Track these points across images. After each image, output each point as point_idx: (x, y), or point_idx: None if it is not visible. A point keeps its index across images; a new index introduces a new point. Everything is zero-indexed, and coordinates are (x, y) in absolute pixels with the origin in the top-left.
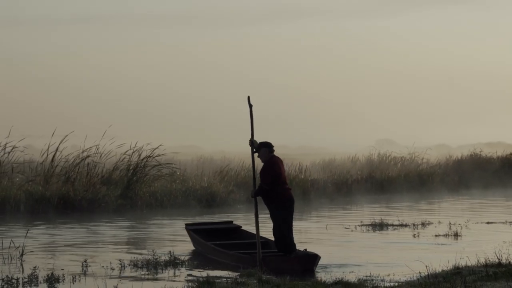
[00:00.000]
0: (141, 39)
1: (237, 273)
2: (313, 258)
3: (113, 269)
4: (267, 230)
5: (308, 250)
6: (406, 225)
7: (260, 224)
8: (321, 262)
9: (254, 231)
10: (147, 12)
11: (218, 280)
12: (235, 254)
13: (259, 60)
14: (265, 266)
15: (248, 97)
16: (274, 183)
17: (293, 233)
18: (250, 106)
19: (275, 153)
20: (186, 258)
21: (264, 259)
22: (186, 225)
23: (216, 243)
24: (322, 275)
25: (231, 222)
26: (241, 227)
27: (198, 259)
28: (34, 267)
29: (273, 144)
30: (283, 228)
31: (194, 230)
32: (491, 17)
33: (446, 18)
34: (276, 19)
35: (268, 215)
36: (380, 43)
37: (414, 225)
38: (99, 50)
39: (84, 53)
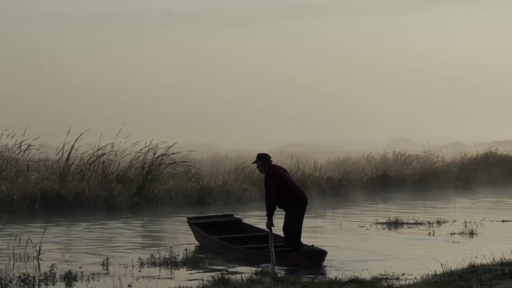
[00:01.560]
0: (156, 38)
1: (252, 271)
2: (321, 254)
3: (129, 267)
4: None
5: (316, 246)
6: (421, 223)
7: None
8: (335, 260)
9: (255, 225)
10: (162, 10)
11: (233, 278)
12: (242, 249)
13: (273, 59)
14: (276, 260)
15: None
16: (282, 190)
17: (307, 231)
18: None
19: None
20: (201, 255)
21: (283, 253)
22: (188, 219)
23: (221, 237)
24: (336, 273)
25: (232, 215)
26: (241, 220)
27: (213, 256)
28: (52, 265)
29: (270, 155)
30: (296, 227)
31: (196, 224)
32: (505, 16)
33: (460, 16)
34: (290, 17)
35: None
36: (395, 41)
37: (429, 223)
38: (114, 48)
39: (98, 51)
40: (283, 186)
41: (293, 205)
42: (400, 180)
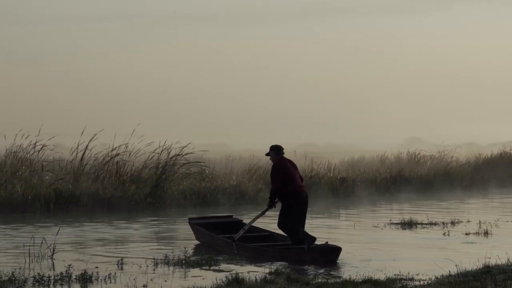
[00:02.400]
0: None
1: (266, 271)
2: (336, 251)
3: (143, 267)
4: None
5: (330, 243)
6: (435, 224)
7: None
8: (350, 260)
9: (256, 226)
10: (175, 11)
11: (247, 278)
12: (255, 247)
13: (287, 59)
14: (289, 258)
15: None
16: (285, 182)
17: (321, 231)
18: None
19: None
20: (215, 255)
21: (287, 252)
22: (190, 219)
23: (227, 236)
24: (350, 274)
25: (231, 216)
26: (242, 221)
27: (226, 256)
28: (69, 265)
29: (283, 147)
30: (291, 221)
31: (199, 224)
32: None
33: (474, 15)
34: (303, 17)
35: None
36: (409, 40)
37: (443, 223)
38: (126, 49)
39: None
40: (285, 180)
41: (289, 200)
42: (414, 181)
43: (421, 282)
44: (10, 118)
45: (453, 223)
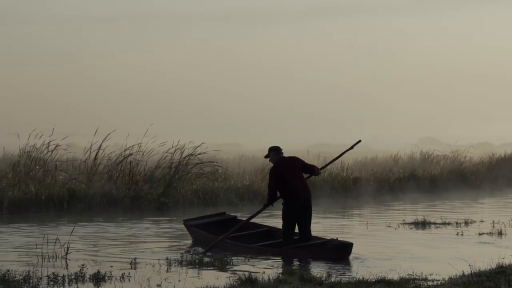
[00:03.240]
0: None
1: (279, 271)
2: (347, 247)
3: (156, 267)
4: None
5: (340, 239)
6: (449, 224)
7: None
8: (363, 260)
9: (251, 221)
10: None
11: (260, 278)
12: (258, 248)
13: (300, 58)
14: (301, 255)
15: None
16: (279, 183)
17: (334, 231)
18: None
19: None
20: (228, 255)
21: (299, 249)
22: (185, 221)
23: (230, 236)
24: (364, 273)
25: (224, 213)
26: (236, 217)
27: (239, 256)
28: (82, 265)
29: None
30: (288, 223)
31: (196, 225)
32: None
33: (490, 15)
34: (318, 17)
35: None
36: (423, 40)
37: (457, 223)
38: (140, 49)
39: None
40: (281, 182)
41: (286, 201)
42: (427, 180)
43: (435, 282)
44: (23, 117)
45: (466, 223)
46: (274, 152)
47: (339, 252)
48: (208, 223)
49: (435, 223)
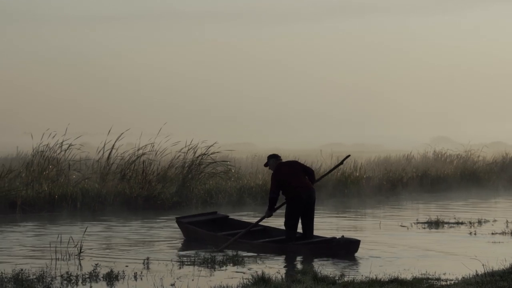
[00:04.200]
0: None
1: (292, 270)
2: (354, 243)
3: (169, 266)
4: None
5: (346, 236)
6: (462, 223)
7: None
8: (376, 259)
9: (242, 220)
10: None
11: (273, 277)
12: (262, 244)
13: (314, 58)
14: (308, 252)
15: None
16: (282, 187)
17: (347, 231)
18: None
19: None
20: (240, 254)
21: (307, 246)
22: (178, 218)
23: (227, 233)
24: (377, 273)
25: (216, 212)
26: (228, 216)
27: (252, 255)
28: (96, 264)
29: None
30: (291, 223)
31: (190, 223)
32: None
33: (503, 13)
34: (331, 16)
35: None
36: (437, 39)
37: (470, 223)
38: (153, 48)
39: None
40: (284, 185)
41: (289, 201)
42: (441, 180)
43: (448, 282)
44: (37, 117)
45: (479, 222)
46: (274, 159)
47: (346, 249)
48: (202, 221)
49: (448, 223)
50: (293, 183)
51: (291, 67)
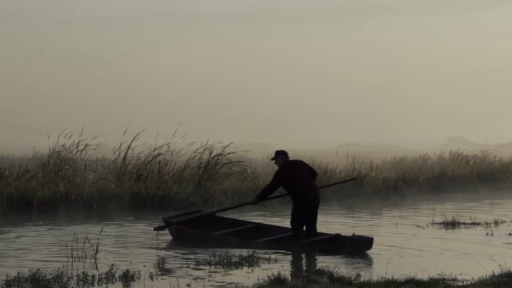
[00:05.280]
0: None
1: (308, 270)
2: (367, 241)
3: (185, 267)
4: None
5: (357, 234)
6: (478, 224)
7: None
8: (392, 259)
9: (230, 217)
10: (217, 10)
11: (289, 278)
12: (270, 243)
13: (330, 58)
14: (323, 249)
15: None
16: (285, 185)
17: (362, 231)
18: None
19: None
20: (256, 254)
21: (315, 245)
22: (165, 219)
23: (224, 232)
24: (393, 273)
25: (201, 210)
26: (215, 214)
27: (266, 256)
28: (112, 264)
29: (287, 152)
30: (298, 221)
31: (179, 223)
32: None
33: None
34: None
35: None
36: (452, 39)
37: (486, 223)
38: (168, 49)
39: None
40: (290, 183)
41: (297, 200)
42: (457, 180)
43: (464, 282)
44: (53, 118)
45: (496, 223)
46: (281, 156)
47: (359, 246)
48: (189, 220)
49: (464, 223)
50: (297, 182)
51: (306, 67)
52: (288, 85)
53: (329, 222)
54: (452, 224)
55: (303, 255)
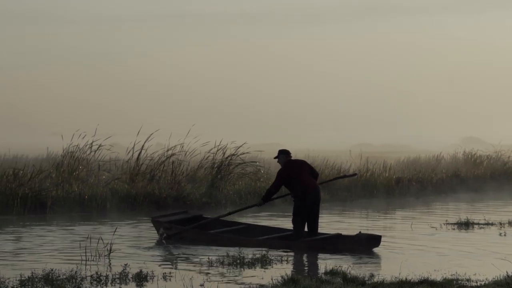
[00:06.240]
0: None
1: (321, 270)
2: (375, 239)
3: (198, 267)
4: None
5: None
6: (492, 224)
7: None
8: (406, 260)
9: (226, 219)
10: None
11: (302, 278)
12: (273, 241)
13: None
14: (328, 247)
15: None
16: (288, 183)
17: (376, 231)
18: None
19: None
20: (269, 255)
21: (317, 242)
22: (155, 217)
23: (222, 230)
24: (407, 274)
25: (187, 211)
26: (202, 215)
27: (280, 255)
28: (125, 265)
29: (291, 151)
30: (299, 220)
31: (169, 222)
32: None
33: None
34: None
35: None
36: (466, 38)
37: (500, 224)
38: (181, 49)
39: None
40: (292, 182)
41: (298, 198)
42: (471, 181)
43: (478, 283)
44: (67, 118)
45: (510, 223)
46: (284, 154)
47: (366, 244)
48: (178, 220)
49: (478, 224)
50: (299, 181)
51: (321, 67)
52: (301, 85)
53: (343, 222)
54: (465, 225)
55: (313, 255)
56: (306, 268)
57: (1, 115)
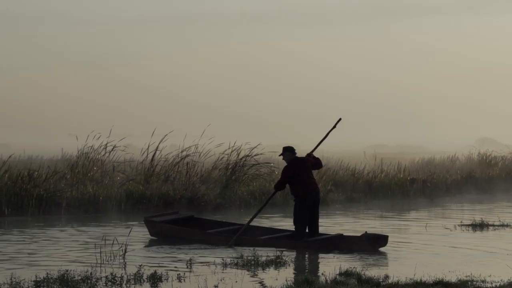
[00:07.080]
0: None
1: (336, 271)
2: (382, 238)
3: (212, 268)
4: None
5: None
6: (507, 225)
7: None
8: (421, 261)
9: (208, 219)
10: (246, 11)
11: (316, 279)
12: (275, 240)
13: (357, 59)
14: (323, 248)
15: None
16: (293, 181)
17: (391, 232)
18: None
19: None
20: (284, 255)
21: (320, 242)
22: (148, 217)
23: (220, 230)
24: (421, 275)
25: (177, 212)
26: (193, 215)
27: (294, 256)
28: (140, 265)
29: (295, 148)
30: (300, 220)
31: (163, 222)
32: None
33: None
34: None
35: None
36: (480, 39)
37: None
38: (196, 50)
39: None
40: (295, 180)
41: (300, 198)
42: (485, 182)
43: (493, 284)
44: (81, 119)
45: None
46: (289, 152)
47: (374, 243)
48: (172, 220)
49: (493, 225)
50: (302, 180)
51: (335, 68)
52: (315, 86)
53: (357, 223)
54: (480, 226)
55: (326, 256)
56: (319, 269)
57: (16, 116)
